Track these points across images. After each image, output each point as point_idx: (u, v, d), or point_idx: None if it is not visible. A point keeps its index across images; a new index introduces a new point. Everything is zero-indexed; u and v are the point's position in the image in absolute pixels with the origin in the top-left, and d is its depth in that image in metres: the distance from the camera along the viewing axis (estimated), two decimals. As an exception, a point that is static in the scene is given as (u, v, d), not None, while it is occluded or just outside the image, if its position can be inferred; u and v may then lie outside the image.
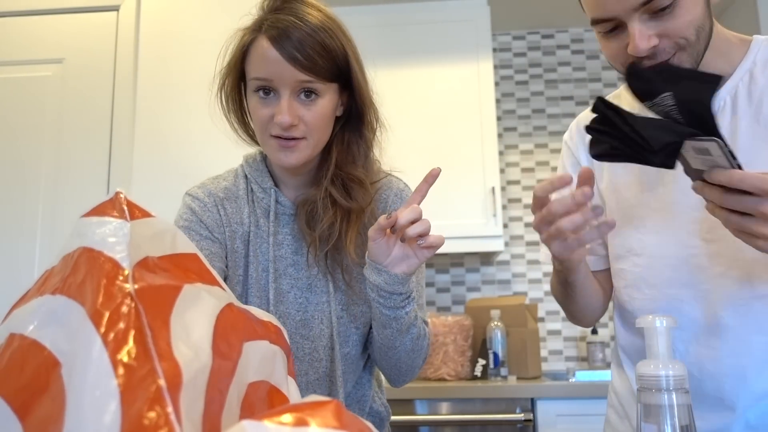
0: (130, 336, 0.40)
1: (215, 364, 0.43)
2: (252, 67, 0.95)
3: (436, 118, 2.66)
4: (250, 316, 0.54)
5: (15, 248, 2.23)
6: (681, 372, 0.61)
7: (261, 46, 0.93)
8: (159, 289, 0.44)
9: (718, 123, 0.74)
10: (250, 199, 1.05)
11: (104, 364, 0.38)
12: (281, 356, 0.57)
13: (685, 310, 0.95)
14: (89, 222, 0.47)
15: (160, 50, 2.33)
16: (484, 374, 2.44)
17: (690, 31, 0.84)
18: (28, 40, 2.38)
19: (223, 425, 0.43)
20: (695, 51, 0.86)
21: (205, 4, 2.35)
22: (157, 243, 0.49)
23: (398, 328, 0.96)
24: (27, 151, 2.29)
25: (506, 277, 2.94)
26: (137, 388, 0.38)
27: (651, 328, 0.64)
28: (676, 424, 0.59)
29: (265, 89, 0.93)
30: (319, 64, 0.92)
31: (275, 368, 0.55)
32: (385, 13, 2.77)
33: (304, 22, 0.92)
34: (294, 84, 0.92)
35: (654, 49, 0.84)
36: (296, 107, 0.93)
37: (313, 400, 0.37)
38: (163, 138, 2.27)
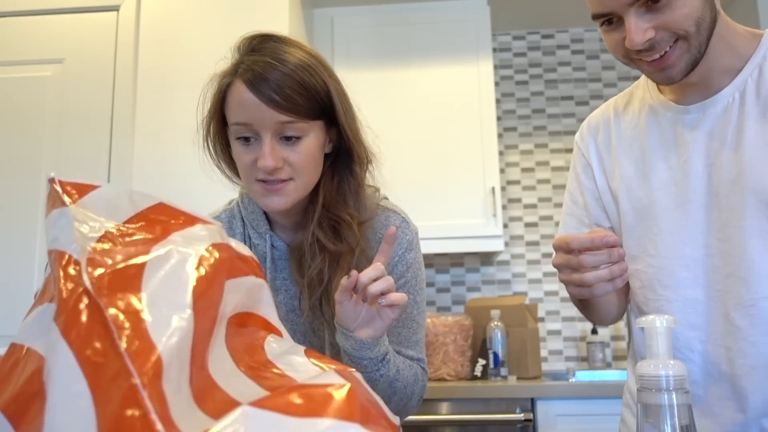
0: (94, 333, 0.38)
1: (198, 326, 0.42)
2: (231, 113, 0.92)
3: (436, 118, 2.65)
4: (233, 252, 0.51)
5: (15, 248, 2.23)
6: (681, 372, 0.61)
7: (237, 90, 0.90)
8: (121, 272, 0.42)
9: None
10: (247, 244, 1.02)
11: (71, 365, 0.37)
12: (267, 289, 0.55)
13: (700, 311, 0.94)
14: (47, 224, 0.46)
15: (160, 50, 2.33)
16: (484, 374, 2.44)
17: (688, 23, 0.84)
18: (28, 40, 2.38)
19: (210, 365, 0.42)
20: (696, 42, 0.86)
21: (204, 5, 2.35)
22: (113, 210, 0.47)
23: (379, 387, 0.93)
24: (27, 151, 2.29)
25: (506, 277, 2.94)
26: (110, 387, 0.36)
27: (651, 328, 0.64)
28: (676, 424, 0.59)
29: (245, 136, 0.91)
30: (299, 104, 0.89)
31: (262, 299, 0.53)
32: (385, 13, 2.77)
33: (282, 63, 0.89)
34: (275, 126, 0.89)
35: (650, 42, 0.85)
36: (279, 150, 0.90)
37: (323, 381, 0.37)
38: (163, 138, 2.27)
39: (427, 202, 2.56)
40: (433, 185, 2.59)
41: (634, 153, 1.02)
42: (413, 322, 1.03)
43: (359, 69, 2.63)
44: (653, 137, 1.00)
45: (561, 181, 2.95)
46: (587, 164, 1.10)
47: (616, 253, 0.82)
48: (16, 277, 2.20)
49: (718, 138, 0.93)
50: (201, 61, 2.34)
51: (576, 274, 0.84)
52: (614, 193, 1.05)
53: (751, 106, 0.91)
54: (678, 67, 0.87)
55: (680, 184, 0.96)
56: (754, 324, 0.89)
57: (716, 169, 0.93)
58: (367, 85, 2.59)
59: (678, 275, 0.96)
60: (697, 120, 0.95)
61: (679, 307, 0.96)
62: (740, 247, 0.90)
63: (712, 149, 0.93)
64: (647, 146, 1.00)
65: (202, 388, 0.41)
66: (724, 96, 0.93)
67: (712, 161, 0.93)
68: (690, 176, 0.95)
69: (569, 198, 1.14)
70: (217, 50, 1.02)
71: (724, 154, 0.92)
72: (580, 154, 1.11)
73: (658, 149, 0.99)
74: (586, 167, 1.10)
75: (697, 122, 0.95)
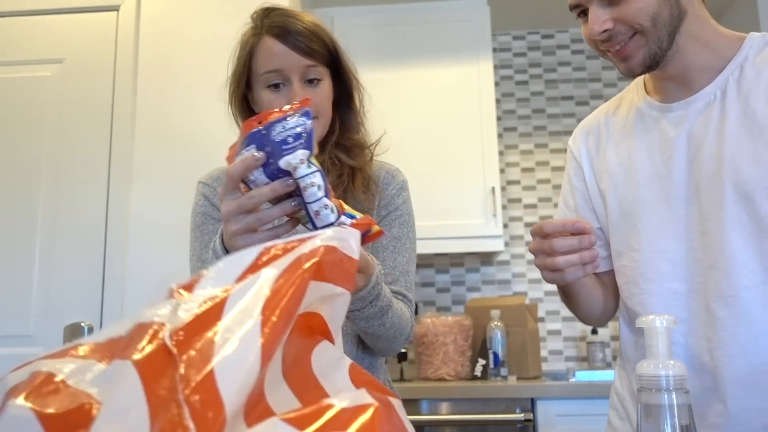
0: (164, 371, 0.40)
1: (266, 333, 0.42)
2: (261, 64, 1.06)
3: (436, 118, 2.66)
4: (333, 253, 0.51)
5: (15, 248, 2.23)
6: (681, 372, 0.61)
7: (266, 43, 1.06)
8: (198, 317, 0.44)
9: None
10: None
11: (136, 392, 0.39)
12: (345, 302, 0.54)
13: (683, 303, 0.96)
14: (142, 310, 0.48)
15: (160, 50, 2.33)
16: (484, 374, 2.44)
17: (643, 17, 0.90)
18: (28, 40, 2.38)
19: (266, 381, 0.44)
20: (655, 37, 0.91)
21: (204, 4, 2.35)
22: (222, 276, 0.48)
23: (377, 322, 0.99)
24: (27, 151, 2.29)
25: (506, 277, 2.94)
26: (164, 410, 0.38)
27: (651, 328, 0.64)
28: (676, 424, 0.59)
29: (276, 83, 1.06)
30: (318, 51, 1.06)
31: (332, 307, 0.53)
32: (386, 13, 2.77)
33: (298, 19, 1.07)
34: (302, 70, 1.05)
35: (608, 33, 0.92)
36: (306, 91, 1.05)
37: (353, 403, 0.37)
38: (163, 138, 2.27)
39: (427, 201, 2.56)
40: (433, 185, 2.59)
41: (621, 152, 1.05)
42: (408, 251, 1.13)
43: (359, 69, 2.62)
44: (639, 136, 1.03)
45: (561, 181, 2.95)
46: (578, 167, 1.13)
47: (587, 240, 0.86)
48: (16, 278, 2.20)
49: (699, 134, 0.95)
50: (201, 61, 2.35)
51: (549, 258, 0.88)
52: (602, 193, 1.08)
53: (732, 103, 0.93)
54: (636, 59, 0.93)
55: (663, 180, 0.98)
56: (734, 314, 0.91)
57: (698, 164, 0.95)
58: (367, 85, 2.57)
59: (660, 269, 0.98)
60: (680, 117, 0.98)
61: (662, 300, 0.98)
62: (720, 240, 0.91)
63: (693, 145, 0.96)
64: (633, 145, 1.03)
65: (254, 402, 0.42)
66: (705, 94, 0.96)
67: (694, 157, 0.96)
68: (673, 172, 0.97)
69: (562, 201, 1.18)
70: (216, 50, 1.05)
71: (705, 150, 0.94)
72: (572, 157, 1.15)
73: (643, 147, 1.02)
74: (577, 170, 1.13)
75: (680, 120, 0.98)
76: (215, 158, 2.21)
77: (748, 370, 0.89)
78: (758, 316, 0.89)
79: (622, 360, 1.09)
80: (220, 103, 1.16)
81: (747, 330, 0.90)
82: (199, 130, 2.24)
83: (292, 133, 0.70)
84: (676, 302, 0.96)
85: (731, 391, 0.90)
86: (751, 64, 0.94)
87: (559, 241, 0.87)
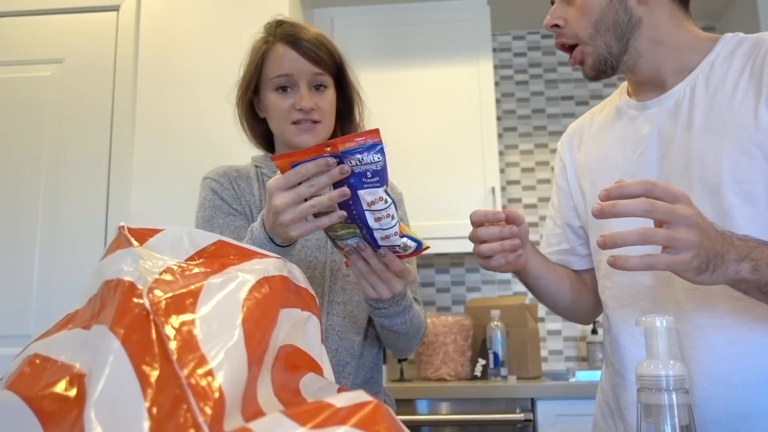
0: (151, 343, 0.42)
1: (248, 336, 0.46)
2: (272, 69, 1.12)
3: (436, 118, 2.66)
4: (287, 284, 0.55)
5: (15, 248, 2.23)
6: (681, 372, 0.61)
7: (278, 49, 1.12)
8: (179, 295, 0.46)
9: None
10: (260, 179, 1.19)
11: (128, 372, 0.40)
12: (315, 322, 0.59)
13: (653, 297, 0.98)
14: (104, 263, 0.51)
15: (160, 50, 2.33)
16: (484, 374, 2.44)
17: (584, 24, 0.98)
18: (28, 40, 2.38)
19: (259, 392, 0.46)
20: (601, 43, 0.98)
21: (204, 5, 2.34)
22: (176, 249, 0.52)
23: (401, 325, 1.06)
24: (27, 151, 2.29)
25: (506, 277, 2.94)
26: (162, 390, 0.40)
27: (651, 328, 0.64)
28: (676, 424, 0.59)
29: (283, 86, 1.12)
30: (325, 61, 1.13)
31: (303, 333, 0.57)
32: (385, 13, 2.77)
33: (308, 30, 1.14)
34: (310, 77, 1.12)
35: (555, 29, 1.02)
36: (312, 96, 1.12)
37: (350, 402, 0.38)
38: (163, 138, 2.27)
39: (427, 201, 2.56)
40: (433, 185, 2.59)
41: (598, 149, 1.09)
42: (413, 260, 1.22)
43: (359, 69, 2.61)
44: (615, 133, 1.07)
45: (561, 181, 2.95)
46: (563, 167, 1.17)
47: (507, 229, 0.92)
48: (16, 277, 2.20)
49: (669, 131, 0.98)
50: (201, 61, 2.35)
51: (475, 246, 0.95)
52: (582, 190, 1.12)
53: (700, 99, 0.95)
54: (587, 64, 1.01)
55: (636, 176, 1.00)
56: (699, 307, 0.93)
57: (668, 160, 0.98)
58: (367, 85, 2.57)
59: None
60: (652, 115, 1.01)
61: (633, 294, 1.00)
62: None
63: (663, 142, 0.99)
64: (609, 142, 1.07)
65: (250, 408, 0.44)
66: (676, 91, 0.99)
67: (664, 153, 0.98)
68: (645, 168, 1.00)
69: (550, 202, 1.22)
70: (216, 50, 1.05)
71: (674, 146, 0.97)
72: (559, 157, 1.19)
73: (618, 144, 1.05)
74: (562, 170, 1.17)
75: (652, 117, 1.01)
76: (215, 157, 2.21)
77: (713, 362, 0.91)
78: (721, 308, 0.91)
79: (607, 359, 1.11)
80: (220, 103, 1.18)
81: (711, 322, 0.91)
82: (199, 129, 2.24)
83: (370, 168, 0.73)
84: (646, 295, 0.99)
85: (697, 382, 0.91)
86: (721, 62, 0.96)
87: (482, 230, 0.93)
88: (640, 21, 0.98)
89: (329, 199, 0.76)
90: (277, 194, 0.80)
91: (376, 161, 0.72)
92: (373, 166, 0.72)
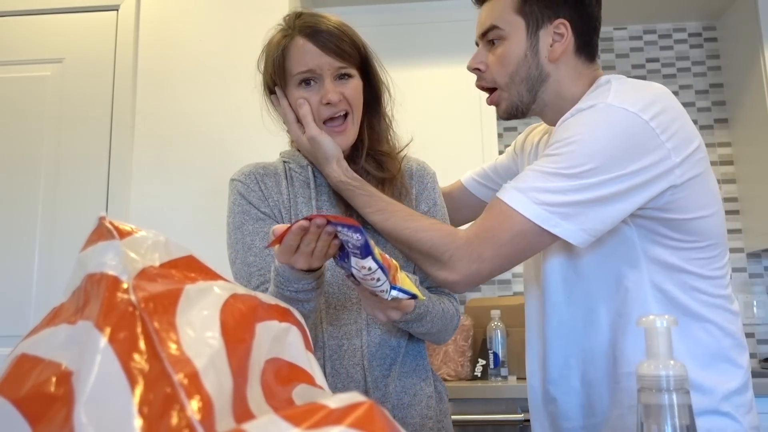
0: (138, 341, 0.42)
1: (229, 346, 0.46)
2: (293, 64, 1.08)
3: (436, 118, 2.65)
4: (257, 301, 0.56)
5: (14, 248, 2.23)
6: (681, 372, 0.61)
7: (298, 43, 1.08)
8: (160, 295, 0.46)
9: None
10: (288, 175, 1.16)
11: (116, 370, 0.40)
12: (296, 332, 0.59)
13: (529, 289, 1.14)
14: (85, 254, 0.51)
15: (160, 50, 2.32)
16: (484, 374, 2.44)
17: (501, 72, 1.10)
18: (28, 40, 2.38)
19: (249, 400, 0.46)
20: (515, 92, 1.10)
21: (204, 4, 2.34)
22: (151, 254, 0.52)
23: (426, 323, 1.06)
24: (27, 151, 2.29)
25: (506, 276, 2.94)
26: (151, 388, 0.39)
27: (651, 328, 0.64)
28: (677, 424, 0.59)
29: (307, 80, 1.08)
30: (348, 52, 1.09)
31: (287, 345, 0.57)
32: (385, 13, 2.76)
33: (328, 20, 1.11)
34: (332, 70, 1.08)
35: (477, 71, 1.13)
36: (338, 86, 1.08)
37: (345, 403, 0.38)
38: (162, 137, 2.27)
39: (427, 202, 2.56)
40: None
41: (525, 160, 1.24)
42: None
43: (359, 69, 2.63)
44: (530, 159, 1.20)
45: (561, 181, 2.95)
46: (514, 153, 1.32)
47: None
48: (16, 277, 2.20)
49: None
50: (201, 61, 2.35)
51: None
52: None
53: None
54: (501, 107, 1.13)
55: None
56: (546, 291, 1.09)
57: None
58: (367, 85, 2.59)
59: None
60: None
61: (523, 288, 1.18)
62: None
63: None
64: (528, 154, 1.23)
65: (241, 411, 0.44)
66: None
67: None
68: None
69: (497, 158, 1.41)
70: (216, 50, 1.05)
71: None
72: (512, 146, 1.35)
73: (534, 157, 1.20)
74: (513, 155, 1.32)
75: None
76: (215, 157, 2.21)
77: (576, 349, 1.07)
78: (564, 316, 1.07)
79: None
80: (219, 103, 1.16)
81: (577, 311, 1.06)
82: (198, 129, 2.24)
83: (351, 241, 0.77)
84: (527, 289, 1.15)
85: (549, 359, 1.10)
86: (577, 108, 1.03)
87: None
88: (548, 76, 1.08)
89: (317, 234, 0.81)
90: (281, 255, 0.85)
91: (357, 239, 0.76)
92: (354, 242, 0.77)
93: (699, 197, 0.97)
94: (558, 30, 1.07)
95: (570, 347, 1.06)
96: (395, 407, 1.08)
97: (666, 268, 0.98)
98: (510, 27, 1.08)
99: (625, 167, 0.92)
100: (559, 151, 0.95)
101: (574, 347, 1.06)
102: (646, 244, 0.99)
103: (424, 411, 1.10)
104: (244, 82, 2.32)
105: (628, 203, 0.94)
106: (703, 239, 0.99)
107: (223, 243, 1.13)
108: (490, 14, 1.11)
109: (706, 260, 1.00)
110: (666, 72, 3.02)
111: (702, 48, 3.02)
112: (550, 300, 1.08)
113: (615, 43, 3.06)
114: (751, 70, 2.67)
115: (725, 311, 1.01)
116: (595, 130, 0.94)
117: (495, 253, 0.95)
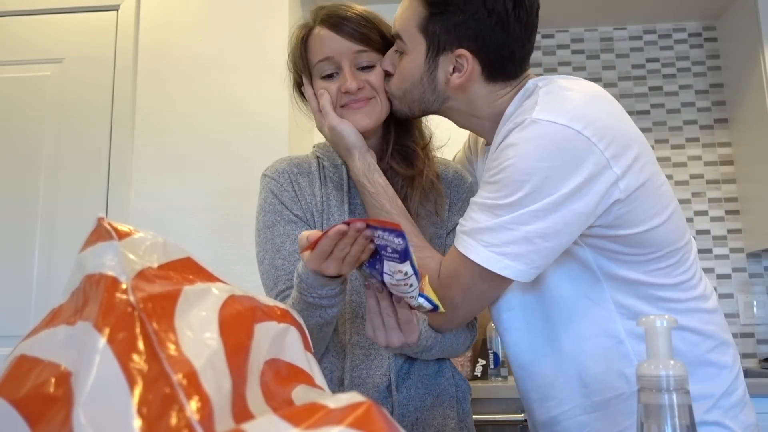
0: (137, 342, 0.42)
1: (227, 347, 0.46)
2: (314, 54, 1.07)
3: (436, 118, 2.65)
4: (255, 303, 0.56)
5: (15, 247, 2.23)
6: (681, 372, 0.61)
7: (317, 33, 1.07)
8: (159, 296, 0.46)
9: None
10: (321, 174, 1.13)
11: (112, 367, 0.40)
12: (294, 333, 0.59)
13: (509, 288, 1.06)
14: (84, 255, 0.51)
15: (160, 50, 2.32)
16: (484, 374, 2.44)
17: (396, 84, 1.03)
18: (28, 40, 2.38)
19: (248, 400, 0.46)
20: (402, 105, 1.05)
21: (204, 4, 2.34)
22: (149, 255, 0.52)
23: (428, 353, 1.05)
24: (26, 151, 2.29)
25: (506, 277, 2.94)
26: (150, 388, 0.39)
27: (651, 328, 0.64)
28: (677, 424, 0.59)
29: (329, 72, 1.06)
30: (369, 36, 1.06)
31: (286, 345, 0.57)
32: (385, 13, 2.76)
33: (351, 8, 1.08)
34: (352, 55, 1.05)
35: (387, 73, 1.06)
36: (359, 74, 1.05)
37: (344, 403, 0.38)
38: (162, 137, 2.27)
39: (427, 202, 2.56)
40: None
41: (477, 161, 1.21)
42: None
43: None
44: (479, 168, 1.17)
45: (561, 181, 2.94)
46: (470, 152, 1.26)
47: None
48: (16, 277, 2.20)
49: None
50: (200, 61, 2.34)
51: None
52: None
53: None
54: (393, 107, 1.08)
55: None
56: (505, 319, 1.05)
57: None
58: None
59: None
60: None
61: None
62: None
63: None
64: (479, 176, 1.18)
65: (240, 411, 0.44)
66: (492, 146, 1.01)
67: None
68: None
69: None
70: (216, 50, 1.04)
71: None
72: (467, 145, 1.28)
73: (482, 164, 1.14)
74: (468, 153, 1.26)
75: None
76: (215, 157, 2.21)
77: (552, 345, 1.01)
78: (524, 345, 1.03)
79: None
80: (219, 103, 1.15)
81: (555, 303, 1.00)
82: (199, 129, 2.23)
83: (391, 245, 0.75)
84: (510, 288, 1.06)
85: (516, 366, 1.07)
86: (507, 118, 0.98)
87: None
88: (447, 99, 1.03)
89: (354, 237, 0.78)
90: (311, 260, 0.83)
91: (398, 243, 0.74)
92: (394, 246, 0.75)
93: (648, 207, 0.91)
94: (459, 60, 0.98)
95: (533, 380, 1.03)
96: (417, 409, 1.06)
97: (627, 283, 0.94)
98: (411, 44, 1.01)
99: (563, 186, 0.86)
100: (495, 179, 0.91)
101: (538, 379, 1.02)
102: (602, 261, 0.94)
103: (447, 411, 1.09)
104: (244, 82, 2.33)
105: (574, 226, 0.89)
106: (659, 249, 0.93)
107: (222, 243, 1.13)
108: (399, 19, 1.04)
109: (668, 268, 0.95)
110: (666, 72, 3.02)
111: (702, 48, 3.02)
112: (511, 327, 1.03)
113: (615, 43, 3.06)
114: (751, 70, 2.67)
115: (700, 312, 0.97)
116: (525, 150, 0.88)
117: (464, 296, 0.93)
